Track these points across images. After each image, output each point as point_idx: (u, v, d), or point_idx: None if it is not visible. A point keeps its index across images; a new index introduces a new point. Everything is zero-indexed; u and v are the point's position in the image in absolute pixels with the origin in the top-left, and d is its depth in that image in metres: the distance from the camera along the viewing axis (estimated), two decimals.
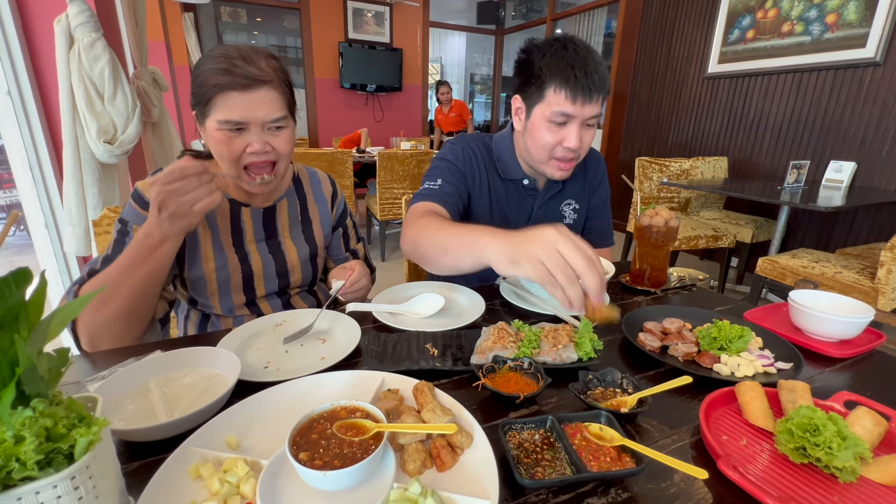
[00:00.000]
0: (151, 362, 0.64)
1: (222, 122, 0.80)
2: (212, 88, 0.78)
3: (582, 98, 0.94)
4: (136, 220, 0.86)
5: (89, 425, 0.34)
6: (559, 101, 0.95)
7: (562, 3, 5.81)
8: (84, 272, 0.85)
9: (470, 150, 1.12)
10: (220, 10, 5.65)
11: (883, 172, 2.63)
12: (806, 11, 2.87)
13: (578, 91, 0.93)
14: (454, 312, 0.89)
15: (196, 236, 0.91)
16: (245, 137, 0.82)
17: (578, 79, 0.93)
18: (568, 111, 0.95)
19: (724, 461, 0.47)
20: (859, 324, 0.75)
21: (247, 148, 0.82)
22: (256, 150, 0.83)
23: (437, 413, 0.51)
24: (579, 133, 0.98)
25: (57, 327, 0.36)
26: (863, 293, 1.86)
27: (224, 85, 0.78)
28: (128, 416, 0.55)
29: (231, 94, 0.79)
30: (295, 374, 0.64)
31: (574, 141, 0.97)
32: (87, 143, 1.47)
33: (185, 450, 0.48)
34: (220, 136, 0.81)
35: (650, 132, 4.15)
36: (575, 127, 0.97)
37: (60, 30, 1.38)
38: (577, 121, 0.97)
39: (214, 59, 0.80)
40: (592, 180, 1.23)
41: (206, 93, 0.79)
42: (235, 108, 0.79)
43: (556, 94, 0.95)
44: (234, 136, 0.81)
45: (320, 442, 0.45)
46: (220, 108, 0.79)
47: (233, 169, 0.85)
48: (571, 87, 0.93)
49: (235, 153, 0.82)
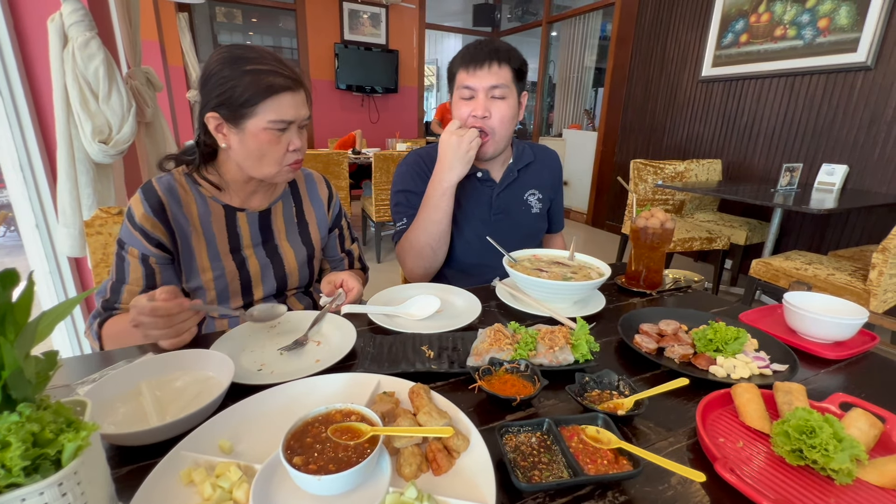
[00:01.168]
0: (143, 365, 0.63)
1: (275, 122, 0.82)
2: (265, 90, 0.80)
3: (474, 66, 1.06)
4: (131, 241, 0.86)
5: (77, 430, 0.33)
6: (462, 78, 1.09)
7: (557, 5, 5.83)
8: (99, 304, 0.87)
9: (416, 167, 1.21)
10: (216, 11, 5.62)
11: (874, 175, 2.66)
12: (798, 16, 2.90)
13: (470, 62, 1.07)
14: (450, 314, 0.89)
15: (191, 248, 0.90)
16: (287, 136, 0.86)
17: (470, 51, 1.08)
18: (467, 83, 1.08)
19: (722, 464, 0.47)
20: (854, 326, 0.75)
21: (289, 146, 0.86)
22: (298, 146, 0.87)
23: (433, 416, 0.51)
24: (485, 104, 1.08)
25: (45, 330, 0.35)
26: (855, 295, 1.88)
27: (279, 86, 0.81)
28: (118, 419, 0.54)
29: (285, 95, 0.82)
30: (289, 377, 0.63)
31: (480, 109, 1.07)
32: (82, 142, 1.46)
33: (176, 454, 0.47)
34: (269, 137, 0.83)
35: (645, 134, 4.17)
36: (480, 97, 1.08)
37: (54, 28, 1.36)
38: (479, 92, 1.07)
39: (248, 60, 0.81)
40: (555, 176, 1.32)
41: (256, 94, 0.80)
42: (288, 109, 0.83)
43: (459, 74, 1.10)
44: (280, 135, 0.85)
45: (315, 446, 0.45)
46: (272, 109, 0.81)
47: (275, 167, 0.87)
48: (466, 61, 1.08)
49: (281, 151, 0.86)
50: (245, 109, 0.81)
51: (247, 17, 5.87)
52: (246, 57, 0.81)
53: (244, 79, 0.80)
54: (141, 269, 0.86)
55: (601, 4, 4.84)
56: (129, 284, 0.86)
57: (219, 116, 0.83)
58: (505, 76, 1.07)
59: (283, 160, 0.87)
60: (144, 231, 0.85)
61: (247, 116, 0.82)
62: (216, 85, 0.81)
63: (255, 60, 0.81)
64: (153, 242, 0.86)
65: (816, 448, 0.46)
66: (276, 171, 0.88)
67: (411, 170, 1.21)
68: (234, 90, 0.80)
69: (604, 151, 4.66)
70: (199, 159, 0.91)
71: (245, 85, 0.80)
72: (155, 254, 0.86)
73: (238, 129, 0.83)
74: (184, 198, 0.90)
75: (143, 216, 0.85)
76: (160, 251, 0.87)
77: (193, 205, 0.91)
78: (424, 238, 1.12)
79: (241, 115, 0.82)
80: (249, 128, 0.82)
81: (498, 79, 1.06)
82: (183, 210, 0.89)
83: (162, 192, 0.87)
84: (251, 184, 0.94)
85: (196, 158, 0.91)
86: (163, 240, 0.87)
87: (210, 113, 0.83)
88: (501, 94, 1.08)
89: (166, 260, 0.89)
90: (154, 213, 0.85)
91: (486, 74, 1.06)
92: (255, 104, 0.80)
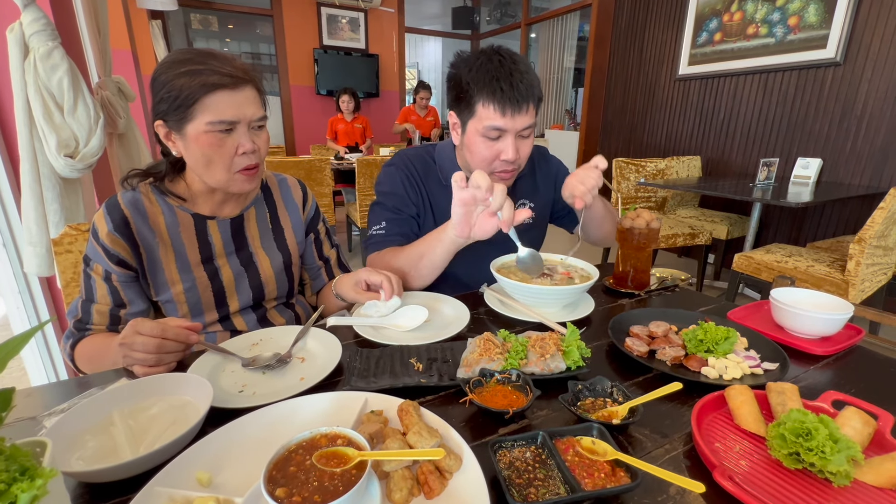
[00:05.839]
0: (116, 392, 0.60)
1: (214, 123, 0.77)
2: (198, 89, 0.75)
3: (511, 110, 0.93)
4: (95, 258, 0.84)
5: (33, 478, 0.31)
6: (489, 115, 0.94)
7: (535, 7, 5.88)
8: (71, 323, 0.85)
9: (405, 168, 1.12)
10: (191, 18, 5.52)
11: (847, 168, 2.73)
12: (769, 14, 2.97)
13: (507, 103, 0.92)
14: (439, 324, 0.87)
15: (158, 261, 0.87)
16: (234, 138, 0.80)
17: (505, 91, 0.91)
18: (499, 125, 0.94)
19: (720, 472, 0.46)
20: (841, 320, 0.75)
21: (238, 149, 0.80)
22: (248, 149, 0.80)
23: (423, 435, 0.49)
24: (515, 145, 0.97)
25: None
26: (834, 285, 1.92)
27: (213, 84, 0.75)
28: (88, 454, 0.51)
29: (221, 94, 0.76)
30: (273, 398, 0.60)
31: (511, 153, 0.96)
32: (47, 157, 1.40)
33: (150, 490, 0.44)
34: (211, 140, 0.78)
35: (625, 133, 4.22)
36: (510, 139, 0.96)
37: (14, 38, 1.30)
38: (510, 133, 0.96)
39: (185, 62, 0.76)
40: (547, 177, 1.23)
41: (190, 95, 0.75)
42: (227, 108, 0.77)
43: (485, 108, 0.94)
44: (225, 137, 0.79)
45: (299, 475, 0.42)
46: (209, 109, 0.76)
47: (224, 174, 0.81)
48: (499, 100, 0.92)
49: (228, 155, 0.80)
50: (182, 113, 0.76)
51: (223, 24, 5.77)
52: (184, 59, 0.77)
53: (179, 80, 0.75)
54: (105, 287, 0.84)
55: (579, 6, 4.90)
56: (98, 304, 0.84)
57: (164, 124, 0.80)
58: (534, 111, 0.97)
59: (231, 165, 0.81)
60: (106, 248, 0.82)
61: (186, 120, 0.77)
62: (157, 91, 0.77)
63: (192, 62, 0.76)
64: (114, 260, 0.83)
65: (813, 451, 0.46)
66: (227, 178, 0.82)
67: (401, 172, 1.11)
68: (171, 93, 0.75)
69: (586, 151, 4.70)
70: (165, 170, 0.88)
71: (179, 87, 0.75)
72: (116, 271, 0.84)
73: (182, 136, 0.79)
74: (149, 209, 0.86)
75: (106, 234, 0.82)
76: (122, 268, 0.84)
77: (160, 216, 0.87)
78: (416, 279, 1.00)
79: (181, 119, 0.77)
80: (190, 132, 0.78)
81: (531, 118, 0.96)
82: (149, 222, 0.86)
83: (126, 207, 0.84)
84: (217, 193, 0.90)
85: (163, 170, 0.88)
86: (124, 256, 0.84)
87: (157, 121, 0.80)
88: (529, 133, 0.99)
89: (129, 277, 0.86)
90: (116, 230, 0.82)
91: (522, 117, 0.94)
92: (191, 106, 0.75)
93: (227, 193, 0.90)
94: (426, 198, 1.13)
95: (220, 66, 0.76)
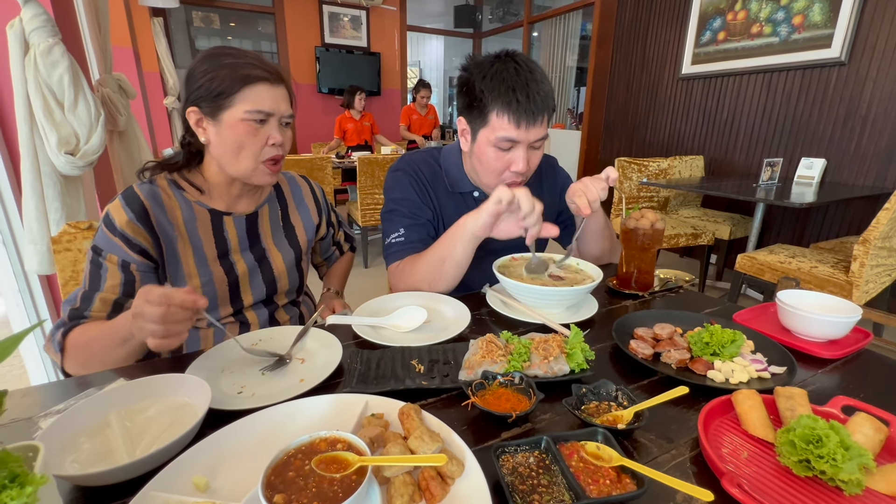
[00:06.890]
0: (113, 393, 0.59)
1: (252, 112, 0.81)
2: (241, 79, 0.80)
3: (526, 122, 0.90)
4: (109, 248, 0.82)
5: (23, 485, 0.30)
6: (503, 125, 0.91)
7: (538, 6, 5.85)
8: (65, 313, 0.82)
9: (413, 174, 1.09)
10: (192, 15, 5.50)
11: (851, 168, 2.71)
12: (774, 13, 2.94)
13: (522, 115, 0.89)
14: (439, 325, 0.85)
15: (177, 254, 0.87)
16: (265, 129, 0.84)
17: (521, 102, 0.88)
18: (513, 136, 0.91)
19: (729, 479, 0.45)
20: (849, 323, 0.74)
21: (268, 140, 0.85)
22: (278, 141, 0.86)
23: (424, 440, 0.48)
24: (527, 156, 0.95)
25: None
26: (838, 286, 1.90)
27: (255, 77, 0.81)
28: (83, 457, 0.50)
29: (261, 86, 0.82)
30: (272, 400, 0.59)
31: (522, 165, 0.94)
32: (48, 154, 1.39)
33: (146, 495, 0.43)
34: (246, 128, 0.82)
35: (628, 133, 4.20)
36: (522, 151, 0.94)
37: (14, 35, 1.30)
38: (523, 145, 0.93)
39: (228, 55, 0.82)
40: (552, 191, 1.20)
41: (232, 84, 0.80)
42: (265, 99, 0.82)
43: (499, 118, 0.91)
44: (259, 127, 0.84)
45: (297, 481, 0.41)
46: (249, 99, 0.81)
47: (252, 162, 0.85)
48: (514, 111, 0.89)
49: (259, 144, 0.84)
50: (222, 100, 0.81)
51: (225, 22, 5.76)
52: (226, 53, 0.83)
53: (222, 71, 0.80)
54: (120, 276, 0.82)
55: (581, 4, 4.87)
56: (104, 292, 0.82)
57: (198, 111, 0.83)
58: (547, 122, 0.95)
59: (260, 154, 0.85)
60: (126, 237, 0.81)
61: (224, 108, 0.81)
62: (196, 79, 0.82)
63: (234, 55, 0.82)
64: (136, 249, 0.82)
65: (824, 458, 0.45)
66: (252, 167, 0.86)
67: (409, 178, 1.08)
68: (212, 82, 0.80)
69: (588, 150, 4.68)
70: (183, 160, 0.89)
71: (222, 77, 0.80)
72: (137, 261, 0.83)
73: (216, 122, 0.83)
74: (167, 203, 0.87)
75: (126, 222, 0.81)
76: (143, 258, 0.83)
77: (178, 210, 0.88)
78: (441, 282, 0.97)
79: (218, 107, 0.81)
80: (226, 119, 0.82)
81: (545, 129, 0.94)
82: (167, 216, 0.86)
83: (145, 198, 0.84)
84: (235, 186, 0.92)
85: (180, 161, 0.89)
86: (146, 246, 0.83)
87: (190, 108, 0.83)
88: (540, 144, 0.97)
89: (148, 268, 0.85)
90: (138, 220, 0.82)
91: (537, 129, 0.92)
92: (232, 94, 0.80)
93: (244, 187, 0.92)
94: (436, 204, 1.10)
95: (262, 63, 0.83)
